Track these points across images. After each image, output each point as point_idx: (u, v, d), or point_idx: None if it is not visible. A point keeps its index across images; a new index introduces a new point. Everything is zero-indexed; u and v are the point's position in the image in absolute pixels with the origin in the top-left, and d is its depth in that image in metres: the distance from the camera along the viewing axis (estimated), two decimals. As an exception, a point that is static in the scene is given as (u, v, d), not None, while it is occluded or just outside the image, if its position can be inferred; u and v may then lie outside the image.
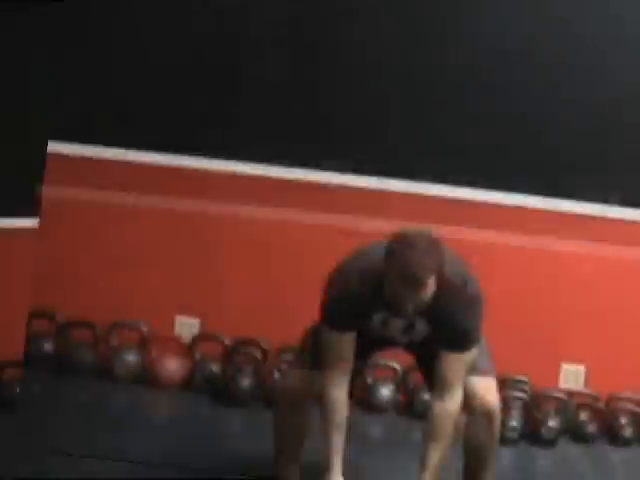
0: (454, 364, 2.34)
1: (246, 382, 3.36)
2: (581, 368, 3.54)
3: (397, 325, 2.38)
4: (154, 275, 3.60)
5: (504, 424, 3.03)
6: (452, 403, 2.34)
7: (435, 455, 2.33)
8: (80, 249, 3.60)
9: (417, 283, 2.15)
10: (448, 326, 2.32)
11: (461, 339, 2.34)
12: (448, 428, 2.35)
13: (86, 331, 3.47)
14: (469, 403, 2.39)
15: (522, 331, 3.49)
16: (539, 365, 3.50)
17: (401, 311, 2.25)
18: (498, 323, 3.06)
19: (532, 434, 3.35)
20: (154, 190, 3.58)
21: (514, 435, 3.26)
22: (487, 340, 2.45)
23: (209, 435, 3.10)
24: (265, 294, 3.55)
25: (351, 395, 2.47)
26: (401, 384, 3.46)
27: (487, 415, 2.41)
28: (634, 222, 3.51)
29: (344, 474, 2.35)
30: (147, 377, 3.45)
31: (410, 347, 2.56)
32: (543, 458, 3.27)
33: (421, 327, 2.36)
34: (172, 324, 3.60)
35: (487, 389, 2.42)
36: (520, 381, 3.44)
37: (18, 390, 3.01)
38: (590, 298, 3.54)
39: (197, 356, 3.48)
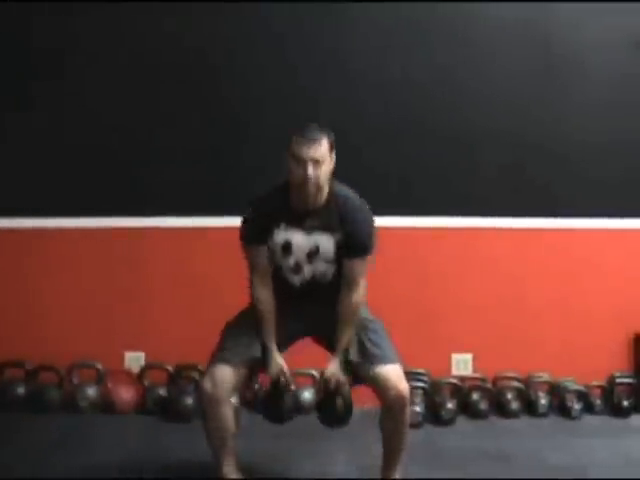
0: (358, 267, 2.67)
1: (189, 401, 3.65)
2: (468, 356, 3.93)
3: (302, 246, 2.64)
4: (103, 320, 3.91)
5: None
6: (357, 295, 2.67)
7: (346, 337, 2.68)
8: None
9: (313, 141, 2.53)
10: (351, 233, 2.63)
11: (363, 244, 2.65)
12: (355, 314, 2.68)
13: (51, 374, 3.78)
14: (384, 391, 2.62)
15: (417, 330, 3.86)
16: (433, 357, 3.89)
17: (304, 183, 2.53)
18: (398, 325, 3.58)
19: (434, 416, 3.69)
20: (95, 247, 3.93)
21: (419, 418, 3.61)
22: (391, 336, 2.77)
23: (161, 448, 3.34)
24: (196, 326, 3.81)
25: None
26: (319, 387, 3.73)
27: (401, 400, 2.63)
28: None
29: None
30: (106, 406, 3.75)
31: (310, 329, 2.79)
32: (445, 435, 3.57)
33: (325, 245, 2.64)
34: (122, 359, 3.91)
35: (399, 377, 2.66)
36: (420, 373, 3.80)
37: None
38: (469, 294, 3.94)
39: (146, 383, 3.79)
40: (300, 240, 2.66)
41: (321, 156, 2.56)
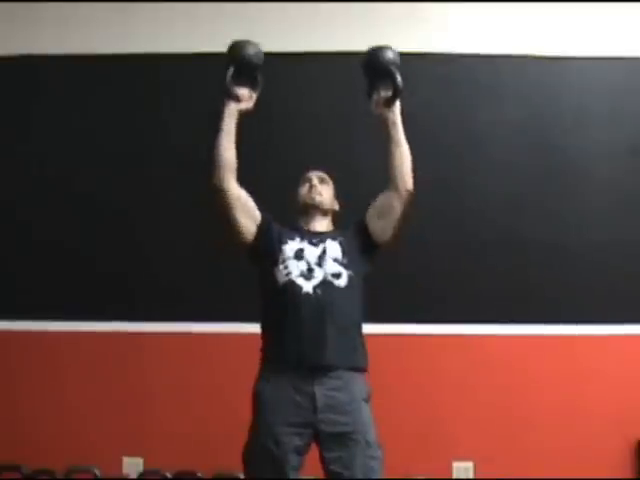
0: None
1: (187, 508, 3.57)
2: (470, 464, 3.88)
3: (312, 252, 2.72)
4: (101, 424, 3.88)
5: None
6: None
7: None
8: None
9: (319, 174, 2.84)
10: (352, 225, 2.82)
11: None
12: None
13: (48, 478, 3.71)
14: None
15: (418, 438, 3.84)
16: (434, 465, 3.83)
17: (309, 192, 2.79)
18: (399, 432, 3.58)
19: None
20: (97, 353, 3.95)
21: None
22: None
23: None
24: (196, 433, 3.82)
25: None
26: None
27: None
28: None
29: None
30: (102, 513, 3.66)
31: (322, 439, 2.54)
32: None
33: (331, 247, 2.73)
34: (120, 464, 3.85)
35: None
36: (418, 480, 3.75)
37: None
38: (470, 401, 3.93)
39: (144, 490, 3.71)
40: (310, 248, 2.75)
41: (325, 177, 2.87)
